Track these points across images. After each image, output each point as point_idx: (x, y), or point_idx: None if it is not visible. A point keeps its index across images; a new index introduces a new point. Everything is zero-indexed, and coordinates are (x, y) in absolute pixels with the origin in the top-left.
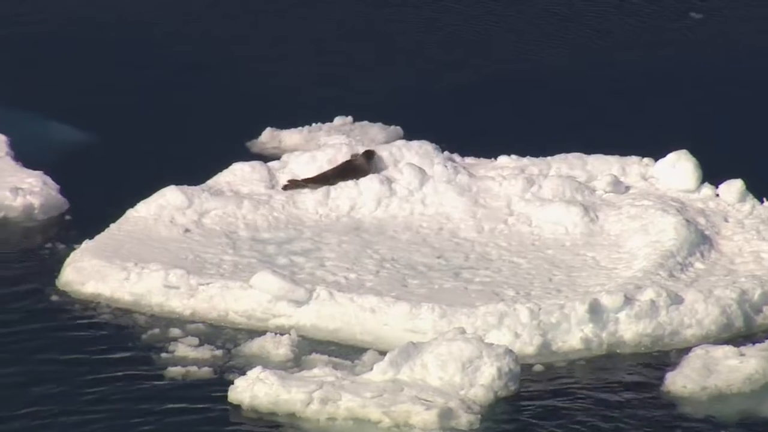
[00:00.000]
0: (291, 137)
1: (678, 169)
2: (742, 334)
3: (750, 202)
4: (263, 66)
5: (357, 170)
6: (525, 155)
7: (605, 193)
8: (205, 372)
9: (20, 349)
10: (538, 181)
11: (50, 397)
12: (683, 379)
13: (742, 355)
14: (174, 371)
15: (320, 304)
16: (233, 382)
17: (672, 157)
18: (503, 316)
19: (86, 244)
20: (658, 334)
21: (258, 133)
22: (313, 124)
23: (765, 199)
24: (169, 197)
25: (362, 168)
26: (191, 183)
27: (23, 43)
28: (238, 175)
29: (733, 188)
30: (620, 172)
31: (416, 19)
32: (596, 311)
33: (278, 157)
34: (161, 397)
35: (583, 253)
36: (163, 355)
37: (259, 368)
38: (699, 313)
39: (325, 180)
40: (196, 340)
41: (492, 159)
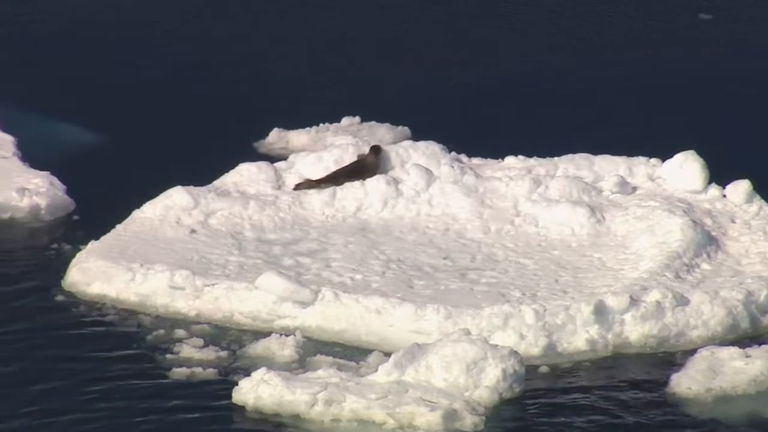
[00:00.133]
0: (298, 138)
1: (685, 169)
2: (748, 336)
3: (757, 203)
4: (268, 66)
5: (367, 168)
6: (532, 156)
7: (612, 193)
8: (210, 373)
9: (24, 349)
10: (544, 182)
11: (53, 397)
12: (688, 380)
13: (748, 357)
14: (179, 372)
15: (325, 306)
16: (237, 383)
17: (679, 157)
18: (508, 317)
19: (92, 244)
20: (663, 336)
21: (265, 134)
22: (321, 125)
23: None
24: (176, 198)
25: (372, 165)
26: (197, 183)
27: (23, 43)
28: (245, 175)
29: (740, 189)
30: (627, 173)
31: (424, 20)
32: (602, 312)
33: (286, 158)
34: (165, 398)
35: (590, 254)
36: (168, 356)
37: (264, 369)
38: (705, 315)
39: (337, 180)
40: (201, 341)
41: (499, 159)
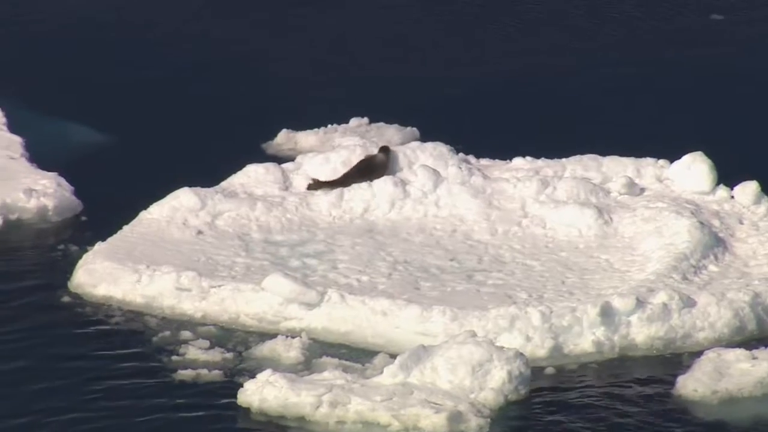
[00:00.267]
0: (307, 139)
1: (693, 170)
2: (755, 338)
3: (765, 204)
4: (268, 66)
5: (378, 166)
6: (540, 157)
7: (620, 195)
8: (216, 375)
9: (29, 350)
10: (552, 183)
11: (58, 396)
12: (694, 382)
13: (755, 359)
14: (184, 374)
15: (331, 307)
16: (243, 385)
17: (687, 158)
18: (515, 319)
19: (98, 246)
20: (670, 338)
21: (272, 135)
22: (329, 126)
23: None
24: (183, 199)
25: (382, 164)
26: (205, 185)
27: (23, 43)
28: (252, 176)
29: (748, 190)
30: (635, 174)
31: (427, 20)
32: (608, 314)
33: (294, 159)
34: (170, 399)
35: (597, 256)
36: (174, 358)
37: (269, 371)
38: (711, 316)
39: (348, 180)
40: (207, 343)
41: (507, 160)
